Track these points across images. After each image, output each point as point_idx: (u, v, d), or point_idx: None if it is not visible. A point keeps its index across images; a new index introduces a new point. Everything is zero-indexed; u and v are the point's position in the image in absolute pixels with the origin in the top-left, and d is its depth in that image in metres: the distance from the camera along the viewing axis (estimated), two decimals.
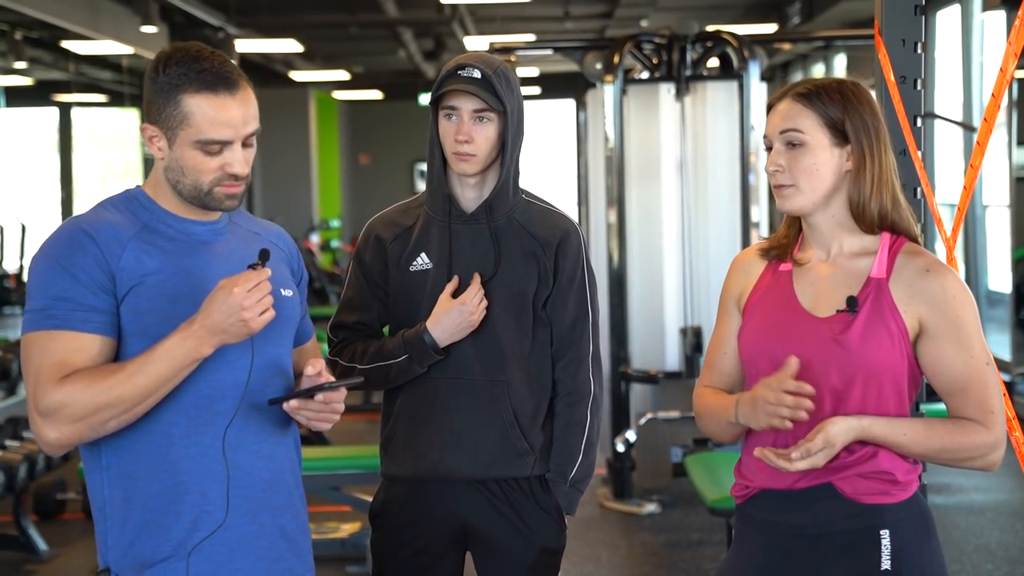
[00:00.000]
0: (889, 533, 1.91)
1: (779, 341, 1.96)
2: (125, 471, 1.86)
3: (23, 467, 4.84)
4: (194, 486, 1.86)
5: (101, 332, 1.81)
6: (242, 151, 1.88)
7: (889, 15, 2.44)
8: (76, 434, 1.79)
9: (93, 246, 1.82)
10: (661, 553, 4.87)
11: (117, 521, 1.86)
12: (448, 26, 11.58)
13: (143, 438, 1.85)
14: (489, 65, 2.30)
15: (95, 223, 1.86)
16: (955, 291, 1.91)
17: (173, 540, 1.85)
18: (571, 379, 2.39)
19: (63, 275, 1.81)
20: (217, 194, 1.89)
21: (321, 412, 1.91)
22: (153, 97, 1.87)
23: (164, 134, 1.87)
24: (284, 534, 1.95)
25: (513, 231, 2.37)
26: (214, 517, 1.86)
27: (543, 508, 2.37)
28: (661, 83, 5.76)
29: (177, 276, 1.86)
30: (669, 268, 5.76)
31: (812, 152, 1.93)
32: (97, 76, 10.60)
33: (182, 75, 1.84)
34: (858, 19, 9.86)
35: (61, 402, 1.77)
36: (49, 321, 1.80)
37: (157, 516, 1.85)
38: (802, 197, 1.95)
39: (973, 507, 5.41)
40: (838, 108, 1.92)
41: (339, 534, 4.90)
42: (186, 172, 1.88)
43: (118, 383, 1.78)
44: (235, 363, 1.88)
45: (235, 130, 1.86)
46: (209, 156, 1.86)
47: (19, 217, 9.67)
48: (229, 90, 1.85)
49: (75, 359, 1.79)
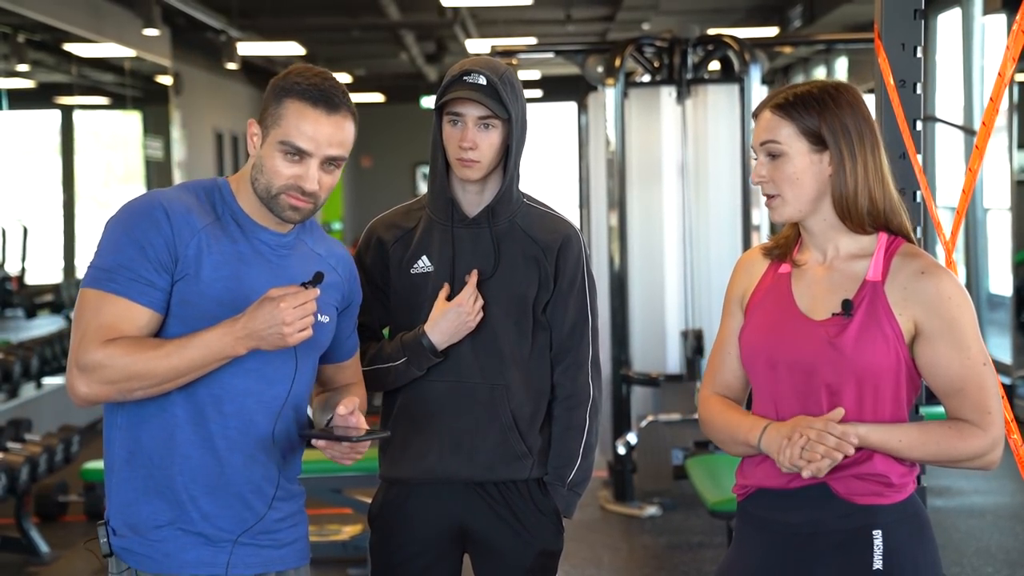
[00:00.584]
0: (882, 534, 1.92)
1: (775, 343, 1.97)
2: (134, 435, 1.97)
3: (25, 469, 4.84)
4: (189, 471, 1.96)
5: (153, 307, 1.92)
6: (319, 170, 1.97)
7: (889, 19, 2.45)
8: (105, 394, 1.91)
9: (167, 225, 1.92)
10: (662, 555, 4.88)
11: (119, 480, 1.99)
12: (450, 29, 11.60)
13: (156, 412, 1.96)
14: (495, 71, 2.30)
15: (174, 204, 1.95)
16: (951, 293, 1.91)
17: (165, 515, 1.96)
18: (570, 383, 2.39)
19: (133, 245, 1.91)
20: (282, 201, 1.97)
21: (346, 454, 2.03)
22: (267, 99, 2.00)
23: (262, 132, 1.99)
24: (281, 527, 2.05)
25: (514, 235, 2.38)
26: (197, 504, 1.96)
27: (541, 511, 2.38)
28: (662, 86, 5.77)
29: (228, 282, 1.96)
30: (670, 271, 5.76)
31: (791, 161, 1.95)
32: (99, 79, 10.62)
33: (295, 83, 1.97)
34: (859, 23, 9.86)
35: (100, 362, 1.88)
36: (110, 284, 1.90)
37: (155, 485, 1.96)
38: (788, 207, 1.97)
39: (973, 510, 5.41)
40: (814, 116, 1.93)
41: (340, 536, 4.91)
42: (264, 171, 1.98)
43: (154, 358, 1.89)
44: (254, 372, 1.97)
45: (317, 145, 1.96)
46: (287, 162, 1.96)
47: (21, 219, 9.68)
48: (327, 108, 1.97)
49: (124, 326, 1.90)
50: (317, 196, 1.98)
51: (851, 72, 11.68)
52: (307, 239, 2.09)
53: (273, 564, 2.04)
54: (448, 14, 10.96)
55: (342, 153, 1.99)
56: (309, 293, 1.90)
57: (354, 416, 1.99)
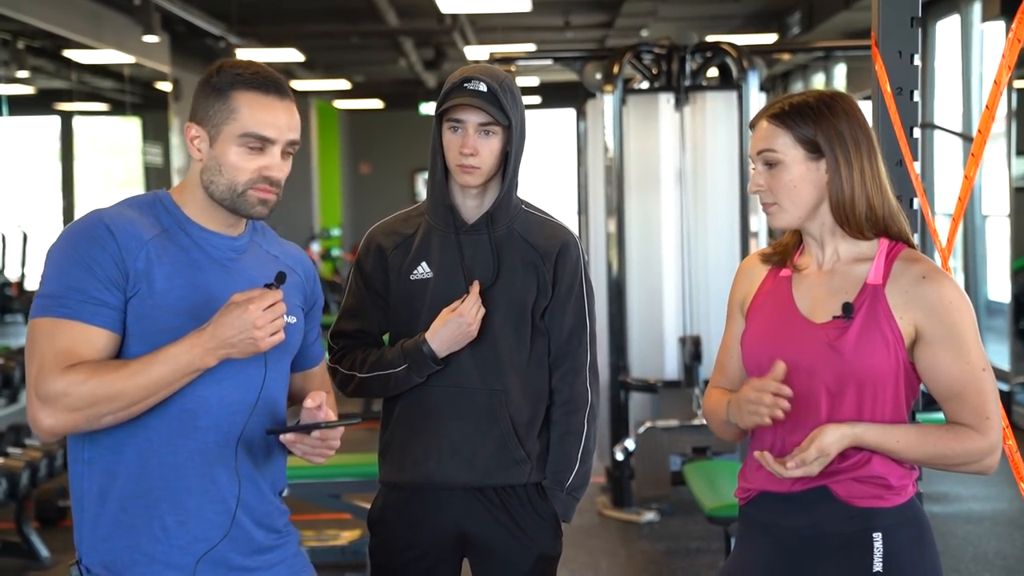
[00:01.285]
0: (882, 536, 1.94)
1: (777, 346, 1.98)
2: (105, 468, 1.88)
3: (25, 474, 4.85)
4: (169, 495, 1.87)
5: (109, 327, 1.83)
6: (280, 158, 1.91)
7: (886, 27, 2.46)
8: (72, 423, 1.80)
9: (112, 242, 1.84)
10: (660, 561, 4.88)
11: (91, 516, 1.89)
12: (449, 36, 11.61)
13: (126, 439, 1.87)
14: (495, 78, 2.32)
15: (117, 220, 1.87)
16: (951, 297, 1.93)
17: (143, 547, 1.87)
18: (568, 388, 2.41)
19: (79, 266, 1.83)
20: (250, 197, 1.90)
21: (317, 448, 1.93)
22: (202, 99, 1.91)
23: (207, 132, 1.90)
24: (258, 547, 1.95)
25: (513, 241, 2.39)
26: (187, 529, 1.88)
27: (540, 515, 2.39)
28: (660, 93, 5.78)
29: (184, 290, 1.88)
30: (668, 277, 5.77)
31: (788, 169, 1.97)
32: (99, 85, 10.63)
33: (235, 76, 1.90)
34: (858, 29, 9.88)
35: (63, 390, 1.79)
36: (60, 309, 1.82)
37: (131, 518, 1.87)
38: (786, 214, 1.99)
39: (971, 516, 5.42)
40: (809, 124, 1.96)
41: (339, 541, 4.92)
42: (224, 170, 1.90)
43: (120, 379, 1.80)
44: (225, 382, 1.89)
45: (279, 131, 1.90)
46: (250, 154, 1.89)
47: (21, 225, 9.69)
48: (279, 94, 1.91)
49: (81, 350, 1.81)
50: (281, 185, 1.92)
51: (849, 79, 11.70)
52: (261, 242, 2.02)
53: None
54: (447, 21, 10.97)
55: (297, 137, 1.93)
56: (275, 294, 1.83)
57: (322, 411, 1.92)
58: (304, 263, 2.10)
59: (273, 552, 1.98)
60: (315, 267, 2.16)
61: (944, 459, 1.93)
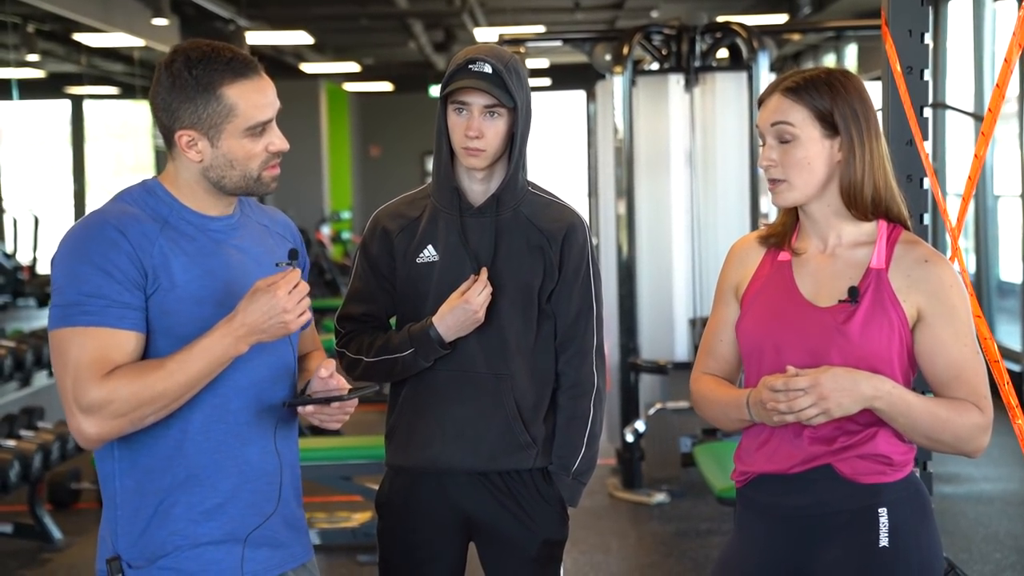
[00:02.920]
0: (887, 511, 1.94)
1: (782, 331, 1.97)
2: (138, 463, 1.89)
3: (38, 457, 4.88)
4: (206, 479, 1.89)
5: (136, 328, 1.83)
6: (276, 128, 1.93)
7: (896, 5, 2.45)
8: (118, 429, 1.81)
9: (125, 242, 1.83)
10: (670, 542, 4.89)
11: (128, 511, 1.89)
12: (458, 17, 11.58)
13: (159, 432, 1.87)
14: (500, 59, 2.29)
15: (122, 219, 1.85)
16: (951, 281, 1.94)
17: (183, 531, 1.89)
18: (575, 372, 2.39)
19: (97, 271, 1.80)
20: (265, 177, 1.92)
21: (334, 415, 1.97)
22: (183, 102, 1.86)
23: (205, 135, 1.87)
24: (287, 523, 1.99)
25: (519, 224, 2.38)
26: (224, 510, 1.90)
27: (545, 500, 2.39)
28: (670, 74, 5.76)
29: (201, 279, 1.88)
30: (678, 259, 5.77)
31: (803, 146, 1.95)
32: (109, 68, 10.64)
33: (212, 71, 1.85)
34: (869, 9, 9.82)
35: (106, 398, 1.78)
36: (84, 317, 1.80)
37: (168, 507, 1.88)
38: (795, 192, 1.97)
39: (982, 496, 5.42)
40: (826, 99, 1.94)
41: (350, 523, 4.94)
42: (235, 164, 1.89)
43: (160, 380, 1.80)
44: (251, 363, 1.91)
45: (274, 108, 1.91)
46: (256, 139, 1.89)
47: (32, 209, 9.72)
48: (257, 72, 1.90)
49: (114, 355, 1.80)
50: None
51: (860, 59, 11.64)
52: (250, 214, 2.03)
53: (288, 562, 1.98)
54: (456, 2, 10.94)
55: (279, 104, 1.94)
56: (295, 273, 1.84)
57: (334, 379, 1.95)
58: (291, 228, 2.11)
59: (302, 530, 2.02)
60: (297, 228, 2.17)
61: (947, 428, 1.90)
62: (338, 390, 1.94)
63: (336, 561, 4.72)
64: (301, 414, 1.97)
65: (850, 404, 1.87)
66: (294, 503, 2.01)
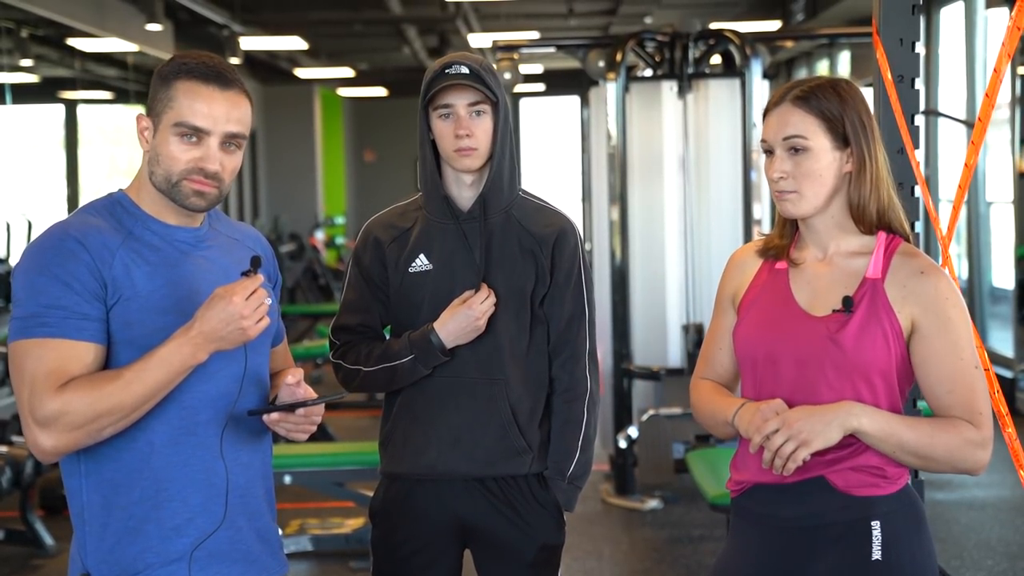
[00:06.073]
0: (880, 524, 1.93)
1: (776, 339, 1.98)
2: (105, 478, 1.85)
3: (29, 462, 4.87)
4: (176, 494, 1.86)
5: (95, 340, 1.80)
6: (220, 151, 1.86)
7: (887, 14, 2.46)
8: (74, 442, 1.78)
9: (84, 253, 1.81)
10: (663, 549, 4.90)
11: (96, 527, 1.86)
12: (452, 23, 11.60)
13: (125, 446, 1.84)
14: (474, 60, 2.33)
15: (83, 230, 1.84)
16: (948, 293, 1.93)
17: (155, 548, 1.86)
18: (568, 376, 2.40)
19: (55, 283, 1.79)
20: (185, 188, 1.86)
21: (300, 425, 1.93)
22: (152, 90, 1.89)
23: (152, 122, 1.88)
24: (260, 536, 1.96)
25: (511, 229, 2.38)
26: (195, 524, 1.87)
27: (542, 505, 2.39)
28: (664, 81, 5.77)
29: (164, 289, 1.86)
30: (671, 265, 5.77)
31: (816, 157, 1.94)
32: (102, 73, 10.63)
33: (180, 66, 1.87)
34: (862, 16, 9.85)
35: (60, 410, 1.76)
36: (42, 329, 1.78)
37: (138, 523, 1.85)
38: (805, 203, 1.96)
39: (974, 503, 5.43)
40: (836, 109, 1.94)
41: (343, 530, 4.93)
42: (161, 160, 1.86)
43: (116, 390, 1.77)
44: (219, 374, 1.89)
45: (214, 122, 1.85)
46: (184, 145, 1.85)
47: (25, 214, 9.71)
48: (220, 85, 1.86)
49: (71, 367, 1.78)
50: (221, 178, 1.86)
51: (854, 66, 11.67)
52: (219, 227, 2.00)
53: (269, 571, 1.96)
54: (450, 8, 10.96)
55: (242, 130, 1.87)
56: (255, 280, 1.81)
57: (301, 387, 1.92)
58: (262, 243, 2.08)
59: (275, 542, 1.99)
60: (271, 245, 2.15)
61: (940, 447, 1.90)
62: (304, 399, 1.92)
63: (329, 568, 4.72)
64: (267, 423, 1.93)
65: (824, 428, 1.87)
66: (268, 515, 1.99)
